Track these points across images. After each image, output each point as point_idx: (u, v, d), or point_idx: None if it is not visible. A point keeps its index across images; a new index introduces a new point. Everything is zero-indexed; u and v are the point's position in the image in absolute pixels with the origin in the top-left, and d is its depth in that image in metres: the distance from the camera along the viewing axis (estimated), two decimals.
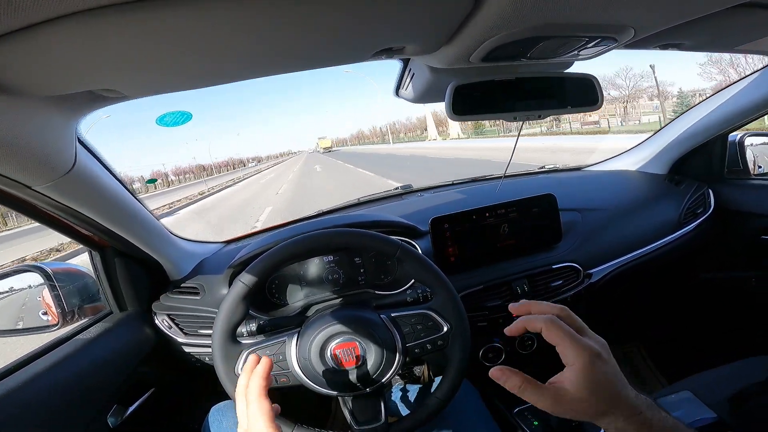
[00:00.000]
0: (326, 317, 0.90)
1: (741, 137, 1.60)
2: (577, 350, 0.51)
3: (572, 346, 0.51)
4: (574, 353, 0.51)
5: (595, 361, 0.50)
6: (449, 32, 0.64)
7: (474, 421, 1.03)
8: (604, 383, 0.51)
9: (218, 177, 73.39)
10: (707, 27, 0.82)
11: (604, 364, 0.51)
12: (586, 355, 0.50)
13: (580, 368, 0.50)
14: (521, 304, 0.58)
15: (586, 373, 0.50)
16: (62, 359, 0.94)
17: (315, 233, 0.93)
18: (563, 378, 0.52)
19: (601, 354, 0.51)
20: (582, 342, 0.52)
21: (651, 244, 1.41)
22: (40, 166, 0.70)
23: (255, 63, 0.64)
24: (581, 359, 0.50)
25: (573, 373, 0.51)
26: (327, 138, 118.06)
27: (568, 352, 0.51)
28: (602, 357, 0.51)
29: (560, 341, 0.52)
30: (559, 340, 0.52)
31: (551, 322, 0.53)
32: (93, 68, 0.54)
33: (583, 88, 0.87)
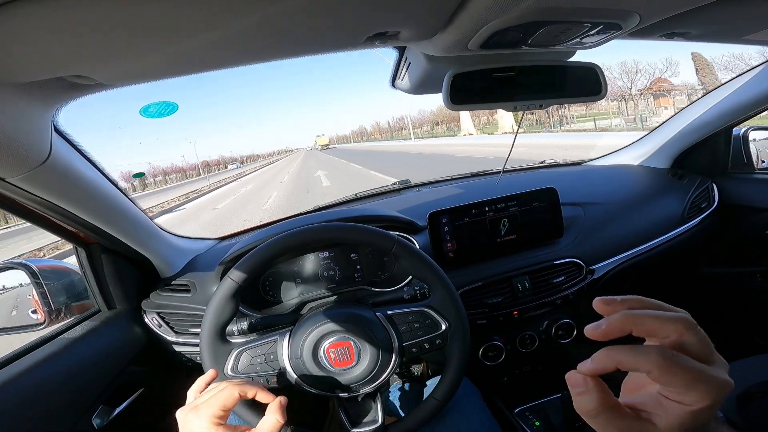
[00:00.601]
0: (320, 315, 0.87)
1: (745, 131, 1.58)
2: (704, 391, 0.33)
3: (699, 386, 0.33)
4: (699, 395, 0.33)
5: (720, 400, 0.33)
6: (446, 15, 0.61)
7: (474, 421, 1.00)
8: (706, 424, 0.35)
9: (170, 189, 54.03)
10: (714, 15, 0.79)
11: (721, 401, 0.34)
12: (714, 395, 0.33)
13: (698, 411, 0.33)
14: (611, 321, 0.35)
15: (701, 416, 0.33)
16: (46, 358, 0.92)
17: (307, 227, 0.90)
18: (662, 411, 0.34)
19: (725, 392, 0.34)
20: (713, 380, 0.33)
21: (655, 240, 1.39)
22: (13, 157, 0.67)
23: (238, 49, 0.61)
24: (706, 401, 0.32)
25: (684, 413, 0.33)
26: (324, 136, 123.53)
27: (692, 395, 0.33)
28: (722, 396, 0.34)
29: (683, 386, 0.33)
30: (681, 383, 0.32)
31: (667, 362, 0.32)
32: (61, 54, 0.51)
33: (586, 77, 0.84)
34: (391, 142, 58.07)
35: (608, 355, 0.34)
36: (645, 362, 0.32)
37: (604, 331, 0.35)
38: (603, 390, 0.35)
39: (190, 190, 29.82)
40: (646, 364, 0.32)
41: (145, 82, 0.65)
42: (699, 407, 0.32)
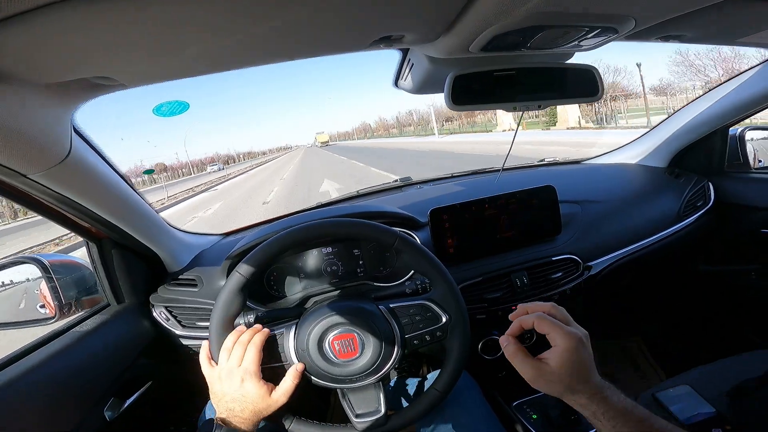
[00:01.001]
0: (324, 308, 0.89)
1: (741, 131, 1.60)
2: (564, 336, 0.62)
3: (560, 332, 0.63)
4: (562, 338, 0.62)
5: (578, 344, 0.62)
6: (449, 20, 0.63)
7: (473, 413, 1.02)
8: (580, 365, 0.62)
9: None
10: (709, 18, 0.81)
11: (584, 349, 0.63)
12: (571, 339, 0.62)
13: (564, 349, 0.62)
14: (517, 311, 0.71)
15: (569, 354, 0.61)
16: (58, 352, 0.93)
17: (312, 223, 0.92)
18: (548, 355, 0.63)
19: (583, 340, 0.63)
20: (568, 329, 0.63)
21: (651, 237, 1.41)
22: (34, 154, 0.69)
23: (251, 51, 0.63)
24: (567, 342, 0.62)
25: (558, 353, 0.62)
26: (324, 134, 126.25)
27: (557, 337, 0.63)
28: (584, 343, 0.63)
29: (550, 330, 0.64)
30: (548, 329, 0.64)
31: (540, 317, 0.65)
32: (88, 55, 0.53)
33: (584, 79, 0.86)
34: (409, 139, 50.24)
35: (517, 321, 0.69)
36: (529, 320, 0.66)
37: (517, 313, 0.71)
38: (516, 343, 0.67)
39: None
40: (530, 320, 0.66)
41: (162, 81, 0.68)
42: (563, 347, 0.62)
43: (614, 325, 1.90)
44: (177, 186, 35.59)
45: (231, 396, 0.79)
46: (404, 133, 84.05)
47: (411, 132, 79.66)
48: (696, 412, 0.93)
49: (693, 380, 1.03)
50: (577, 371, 0.62)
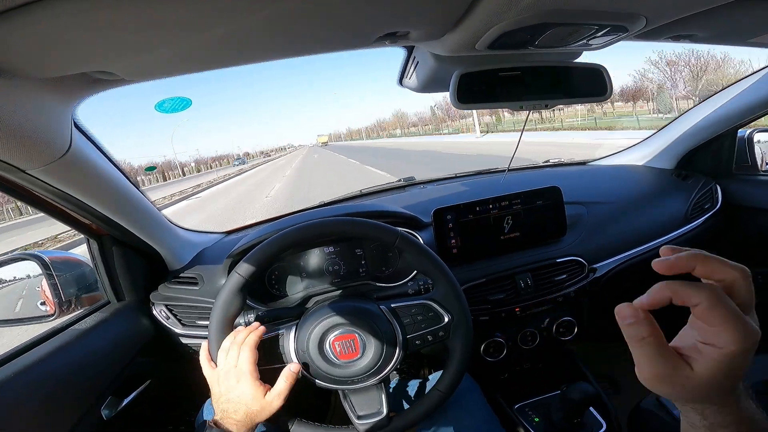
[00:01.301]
0: (325, 309, 0.88)
1: (750, 133, 1.58)
2: (738, 336, 0.37)
3: (735, 330, 0.37)
4: (733, 338, 0.37)
5: (750, 350, 0.38)
6: (455, 17, 0.62)
7: (475, 416, 1.02)
8: (736, 376, 0.40)
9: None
10: (720, 18, 0.80)
11: (751, 355, 0.38)
12: (745, 343, 0.37)
13: (729, 355, 0.37)
14: (675, 257, 0.40)
15: (733, 362, 0.38)
16: (57, 349, 0.93)
17: (313, 222, 0.91)
18: (698, 355, 0.39)
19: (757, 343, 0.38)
20: (747, 326, 0.37)
21: (657, 239, 1.39)
22: (34, 149, 0.68)
23: (256, 47, 0.62)
24: (738, 346, 0.37)
25: (718, 356, 0.38)
26: (324, 135, 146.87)
27: (726, 335, 0.37)
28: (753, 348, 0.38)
29: (722, 324, 0.37)
30: (720, 322, 0.37)
31: (716, 297, 0.37)
32: (88, 50, 0.53)
33: (592, 78, 0.85)
34: (427, 138, 46.97)
35: (666, 286, 0.38)
36: (697, 294, 0.37)
37: (672, 263, 0.40)
38: (652, 321, 0.40)
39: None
40: (698, 296, 0.37)
41: (165, 77, 0.67)
42: (730, 350, 0.36)
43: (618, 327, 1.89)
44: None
45: (226, 397, 0.79)
46: (395, 134, 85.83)
47: (399, 134, 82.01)
48: None
49: None
50: (730, 381, 0.39)
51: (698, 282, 0.39)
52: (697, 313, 0.38)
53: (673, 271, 0.40)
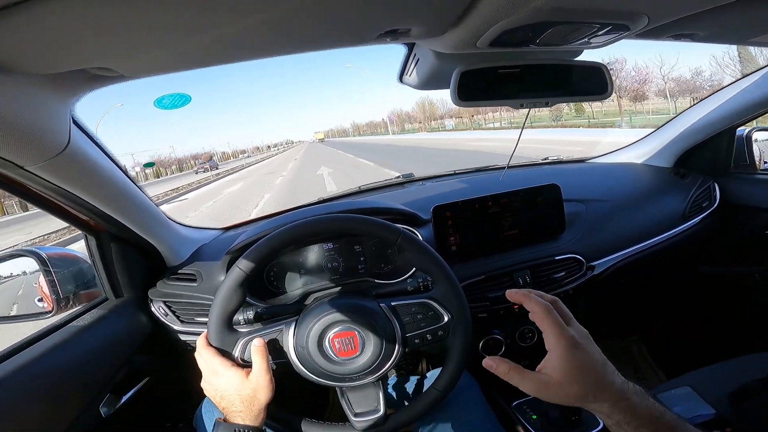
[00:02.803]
0: (325, 305, 0.88)
1: (748, 132, 1.59)
2: (558, 337, 0.57)
3: (554, 332, 0.57)
4: (555, 340, 0.57)
5: (572, 348, 0.56)
6: (456, 14, 0.62)
7: (473, 413, 1.02)
8: (585, 369, 0.55)
9: None
10: (722, 18, 0.80)
11: (583, 352, 0.56)
12: (565, 343, 0.56)
13: (558, 355, 0.56)
14: (519, 291, 0.64)
15: (565, 359, 0.55)
16: (55, 347, 0.92)
17: (314, 218, 0.91)
18: (546, 364, 0.57)
19: (579, 342, 0.57)
20: (564, 330, 0.57)
21: (655, 237, 1.40)
22: (32, 146, 0.68)
23: (255, 43, 0.62)
24: (560, 346, 0.56)
25: (553, 359, 0.56)
26: (321, 132, 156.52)
27: (550, 339, 0.57)
28: (580, 345, 0.56)
29: (545, 327, 0.58)
30: (544, 325, 0.58)
31: (544, 307, 0.59)
32: (86, 45, 0.52)
33: (593, 76, 0.85)
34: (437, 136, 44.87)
35: (521, 294, 0.64)
36: (532, 304, 0.61)
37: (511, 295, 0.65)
38: (506, 361, 0.60)
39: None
40: (533, 306, 0.61)
41: (165, 73, 0.67)
42: (558, 352, 0.56)
43: (615, 325, 1.90)
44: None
45: (219, 395, 0.80)
46: (407, 131, 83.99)
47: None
48: (697, 413, 0.93)
49: (694, 382, 1.02)
50: (583, 376, 0.54)
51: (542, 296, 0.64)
52: (531, 317, 0.61)
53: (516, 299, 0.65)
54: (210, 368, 0.82)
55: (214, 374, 0.81)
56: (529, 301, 0.61)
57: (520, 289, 0.64)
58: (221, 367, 0.81)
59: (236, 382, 0.79)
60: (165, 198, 19.59)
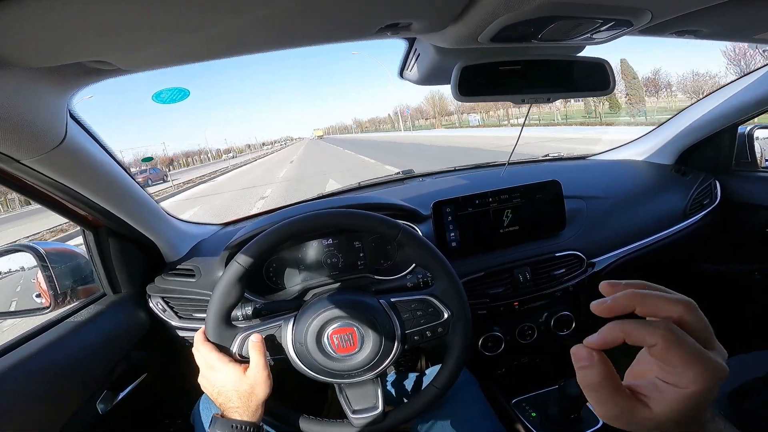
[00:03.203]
0: (324, 301, 0.87)
1: (750, 130, 1.58)
2: (701, 374, 0.34)
3: (698, 368, 0.34)
4: (696, 377, 0.34)
5: (713, 389, 0.35)
6: (458, 8, 0.61)
7: (472, 410, 1.02)
8: (700, 410, 0.36)
9: None
10: (726, 14, 0.79)
11: (716, 390, 0.35)
12: (710, 381, 0.34)
13: (691, 395, 0.34)
14: (612, 299, 0.37)
15: (694, 402, 0.35)
16: (52, 343, 0.92)
17: (313, 213, 0.90)
18: (658, 394, 0.36)
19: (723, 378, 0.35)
20: (710, 363, 0.34)
21: (656, 234, 1.40)
22: (28, 139, 0.67)
23: (255, 38, 0.61)
24: (701, 384, 0.34)
25: (679, 397, 0.35)
26: (320, 129, 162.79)
27: (689, 375, 0.34)
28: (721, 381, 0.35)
29: (682, 364, 0.34)
30: (680, 361, 0.34)
31: (673, 336, 0.34)
32: (84, 38, 0.51)
33: (595, 72, 0.85)
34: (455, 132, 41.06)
35: (617, 327, 0.36)
36: (652, 334, 0.34)
37: (610, 306, 0.37)
38: (606, 365, 0.36)
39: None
40: (653, 337, 0.34)
41: (163, 67, 0.66)
42: (692, 390, 0.34)
43: None
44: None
45: (217, 390, 0.80)
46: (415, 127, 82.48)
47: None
48: None
49: None
50: (691, 418, 0.36)
51: (651, 320, 0.36)
52: (654, 354, 0.35)
53: (614, 313, 0.37)
54: (207, 364, 0.82)
55: (211, 370, 0.81)
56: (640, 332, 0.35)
57: (612, 282, 0.39)
58: (219, 362, 0.80)
59: (234, 377, 0.79)
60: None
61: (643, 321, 0.35)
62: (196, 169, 59.55)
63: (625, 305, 0.37)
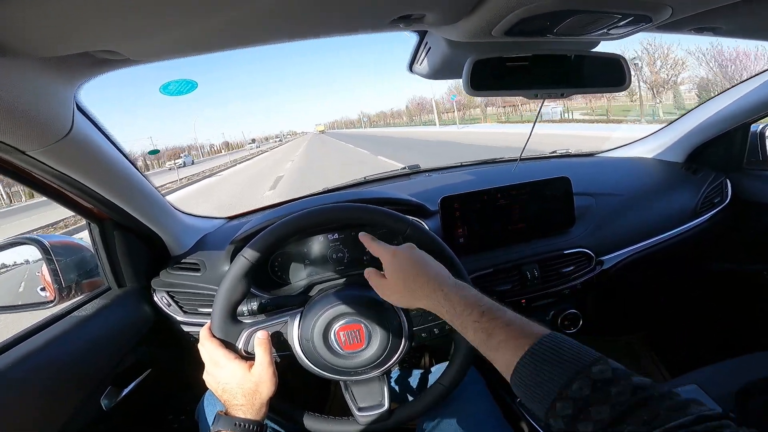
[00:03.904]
0: (330, 297, 0.87)
1: (763, 128, 1.56)
2: (383, 251, 0.79)
3: (379, 250, 0.80)
4: (382, 253, 0.79)
5: (393, 255, 0.76)
6: (473, 0, 0.59)
7: (478, 408, 1.01)
8: (407, 271, 0.74)
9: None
10: (747, 12, 0.77)
11: (400, 258, 0.76)
12: (386, 252, 0.78)
13: (387, 262, 0.77)
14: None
15: (391, 264, 0.76)
16: (57, 337, 0.91)
17: (321, 207, 0.89)
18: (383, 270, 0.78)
19: (396, 252, 0.77)
20: (386, 246, 0.80)
21: (666, 233, 1.38)
22: (34, 130, 0.66)
23: (265, 28, 0.60)
24: (385, 256, 0.78)
25: (384, 265, 0.78)
26: (321, 124, 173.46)
27: (379, 252, 0.79)
28: (395, 253, 0.76)
29: (374, 247, 0.81)
30: (374, 246, 0.81)
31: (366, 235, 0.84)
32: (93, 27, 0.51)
33: (610, 68, 0.83)
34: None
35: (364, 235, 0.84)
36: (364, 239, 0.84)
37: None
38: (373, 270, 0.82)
39: None
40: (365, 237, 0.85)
41: (173, 58, 0.65)
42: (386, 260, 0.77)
43: (623, 321, 1.88)
44: None
45: (222, 387, 0.79)
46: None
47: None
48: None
49: (700, 379, 1.01)
50: (410, 277, 0.73)
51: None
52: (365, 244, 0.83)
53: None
54: (212, 360, 0.81)
55: (216, 366, 0.80)
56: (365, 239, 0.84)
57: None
58: (224, 358, 0.80)
59: (239, 374, 0.78)
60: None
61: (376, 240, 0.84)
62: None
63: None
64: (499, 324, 0.59)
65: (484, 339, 0.60)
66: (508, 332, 0.58)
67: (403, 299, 0.75)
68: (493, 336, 0.59)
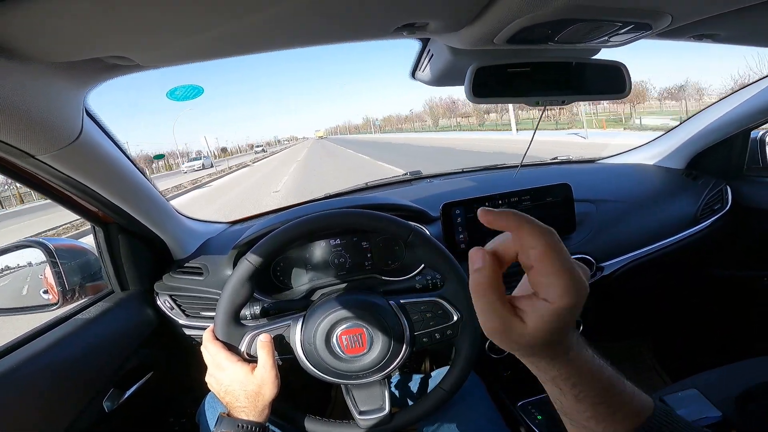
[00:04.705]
0: (333, 302, 0.88)
1: (763, 134, 1.57)
2: (570, 287, 0.37)
3: (566, 278, 0.37)
4: (564, 289, 0.37)
5: (579, 303, 0.37)
6: (476, 9, 0.60)
7: (478, 412, 1.01)
8: (565, 330, 0.39)
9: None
10: (747, 19, 0.78)
11: (579, 311, 0.39)
12: (577, 296, 0.37)
13: (558, 309, 0.37)
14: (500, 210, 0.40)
15: (560, 317, 0.37)
16: (60, 340, 0.92)
17: (324, 213, 0.90)
18: (528, 309, 0.39)
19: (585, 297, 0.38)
20: (577, 275, 0.37)
21: (666, 239, 1.39)
22: (44, 134, 0.67)
23: (274, 36, 0.61)
24: (567, 300, 0.37)
25: (545, 312, 0.38)
26: (321, 130, 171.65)
27: (560, 285, 0.37)
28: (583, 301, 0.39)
29: (554, 271, 0.37)
30: (552, 269, 0.37)
31: (553, 242, 0.37)
32: (104, 33, 0.51)
33: (611, 75, 0.83)
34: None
35: (515, 216, 0.39)
36: (541, 232, 0.38)
37: (495, 215, 0.40)
38: (496, 271, 0.41)
39: None
40: (542, 235, 0.38)
41: (181, 63, 0.66)
42: (560, 306, 0.37)
43: (623, 327, 1.88)
44: None
45: (224, 389, 0.80)
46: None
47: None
48: (703, 415, 0.92)
49: (701, 384, 1.02)
50: (557, 336, 0.39)
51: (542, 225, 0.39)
52: (532, 258, 0.38)
53: (495, 223, 0.40)
54: (215, 362, 0.82)
55: (219, 368, 0.81)
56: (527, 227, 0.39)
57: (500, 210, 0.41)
58: (227, 361, 0.81)
59: (241, 377, 0.79)
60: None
61: (533, 219, 0.39)
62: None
63: (507, 222, 0.40)
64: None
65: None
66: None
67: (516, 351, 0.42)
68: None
